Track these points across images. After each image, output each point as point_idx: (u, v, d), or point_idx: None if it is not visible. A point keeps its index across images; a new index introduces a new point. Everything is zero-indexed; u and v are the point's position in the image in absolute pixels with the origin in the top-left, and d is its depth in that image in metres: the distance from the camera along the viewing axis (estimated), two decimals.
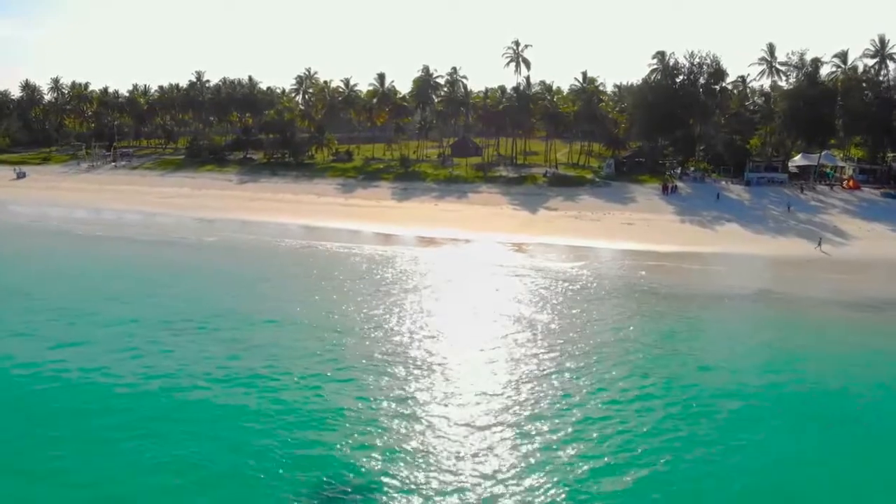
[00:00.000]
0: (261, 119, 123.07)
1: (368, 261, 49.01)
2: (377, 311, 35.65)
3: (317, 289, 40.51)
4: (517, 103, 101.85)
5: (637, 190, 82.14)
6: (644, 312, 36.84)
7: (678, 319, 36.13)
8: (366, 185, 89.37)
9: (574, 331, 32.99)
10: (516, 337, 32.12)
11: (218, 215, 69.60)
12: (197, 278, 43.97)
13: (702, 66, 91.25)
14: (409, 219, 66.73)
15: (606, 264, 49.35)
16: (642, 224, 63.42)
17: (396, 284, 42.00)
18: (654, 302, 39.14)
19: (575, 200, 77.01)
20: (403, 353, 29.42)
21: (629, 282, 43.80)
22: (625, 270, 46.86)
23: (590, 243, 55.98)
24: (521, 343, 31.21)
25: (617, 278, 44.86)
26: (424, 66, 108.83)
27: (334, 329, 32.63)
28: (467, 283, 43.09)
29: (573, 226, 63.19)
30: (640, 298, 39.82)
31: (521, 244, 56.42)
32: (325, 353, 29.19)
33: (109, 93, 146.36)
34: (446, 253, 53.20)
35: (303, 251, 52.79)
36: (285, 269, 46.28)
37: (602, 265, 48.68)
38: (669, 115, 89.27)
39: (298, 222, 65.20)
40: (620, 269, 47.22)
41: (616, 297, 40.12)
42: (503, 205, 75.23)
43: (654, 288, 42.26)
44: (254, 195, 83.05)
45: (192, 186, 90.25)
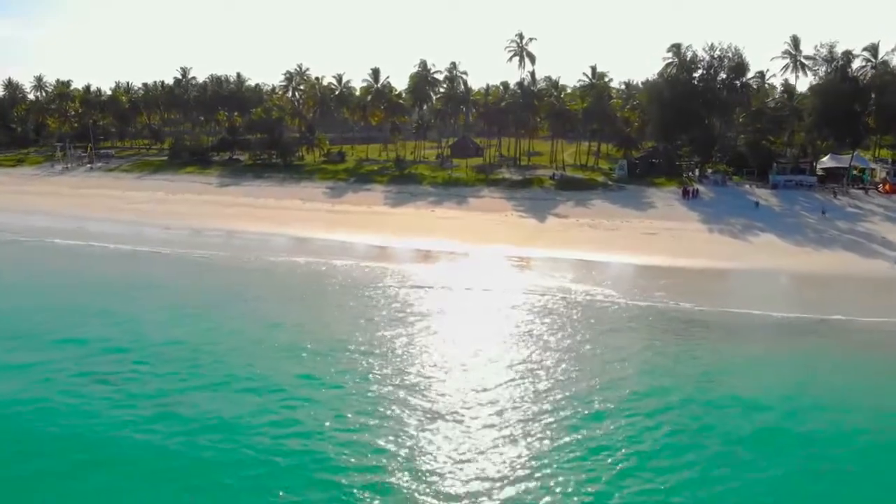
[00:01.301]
0: (249, 118, 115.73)
1: (346, 282, 41.58)
2: (344, 359, 28.36)
3: (271, 319, 33.27)
4: (521, 100, 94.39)
5: (654, 194, 74.74)
6: (683, 353, 29.79)
7: (725, 361, 29.21)
8: (357, 189, 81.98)
9: (596, 381, 26.08)
10: (525, 387, 25.47)
11: (187, 223, 62.09)
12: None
13: (722, 59, 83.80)
14: (402, 228, 59.29)
15: (630, 285, 41.79)
16: (666, 234, 55.97)
17: (375, 316, 34.60)
18: (694, 337, 31.94)
19: (587, 206, 69.61)
20: (387, 412, 22.96)
21: (660, 309, 36.34)
22: (652, 293, 39.30)
23: (609, 258, 48.53)
24: (531, 396, 24.60)
25: (644, 304, 37.37)
26: (422, 61, 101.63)
27: (296, 376, 25.58)
28: (465, 314, 35.66)
29: (588, 236, 55.76)
30: (675, 332, 32.60)
31: (529, 259, 49.03)
32: (287, 409, 22.87)
33: (92, 91, 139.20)
34: (442, 271, 45.57)
35: (268, 269, 45.22)
36: (235, 292, 38.96)
37: (626, 286, 41.14)
38: (687, 113, 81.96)
39: (275, 232, 57.68)
40: (647, 291, 39.64)
41: (646, 330, 32.91)
42: (507, 211, 67.80)
43: (690, 317, 34.98)
44: (233, 200, 75.62)
45: (167, 190, 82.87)
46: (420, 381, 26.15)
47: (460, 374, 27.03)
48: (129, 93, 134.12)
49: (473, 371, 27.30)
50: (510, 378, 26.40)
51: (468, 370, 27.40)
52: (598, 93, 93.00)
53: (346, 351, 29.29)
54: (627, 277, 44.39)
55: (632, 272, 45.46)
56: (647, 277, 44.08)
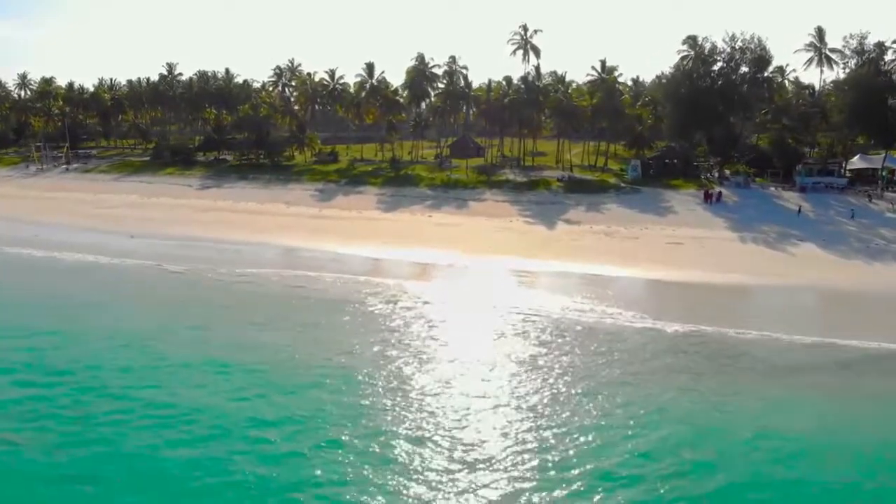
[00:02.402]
0: (236, 116, 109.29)
1: (322, 303, 35.09)
2: (306, 405, 21.98)
3: (221, 352, 26.90)
4: (525, 96, 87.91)
5: (673, 197, 68.26)
6: (728, 397, 23.97)
7: (781, 407, 23.20)
8: (348, 192, 75.54)
9: (618, 435, 20.03)
10: (531, 446, 19.58)
11: (155, 230, 55.57)
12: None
13: (744, 51, 77.33)
14: (395, 236, 52.82)
15: (659, 306, 35.14)
16: (693, 244, 49.49)
17: (350, 349, 28.19)
18: (741, 375, 25.83)
19: (600, 210, 63.13)
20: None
21: (697, 336, 29.90)
22: (686, 315, 32.74)
23: (631, 272, 41.95)
24: (536, 460, 18.75)
25: (677, 330, 30.90)
26: (419, 55, 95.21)
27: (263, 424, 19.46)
28: (463, 352, 29.13)
29: (604, 246, 49.28)
30: (718, 368, 26.37)
31: (538, 274, 42.47)
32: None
33: (75, 88, 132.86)
34: (436, 290, 38.79)
35: (233, 285, 38.58)
36: (185, 315, 32.58)
37: (653, 307, 34.46)
38: (706, 109, 75.54)
39: (251, 241, 51.14)
40: (679, 314, 33.03)
41: (681, 366, 26.66)
42: (512, 216, 61.30)
43: (734, 347, 28.70)
44: (211, 204, 69.15)
45: (143, 193, 76.49)
46: (403, 438, 19.82)
47: (450, 428, 20.72)
48: (113, 90, 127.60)
49: (466, 426, 21.03)
50: (515, 435, 20.23)
51: (461, 424, 21.06)
52: (609, 88, 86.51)
53: (309, 395, 22.99)
54: (654, 296, 37.86)
55: (659, 290, 38.91)
56: (678, 296, 37.62)
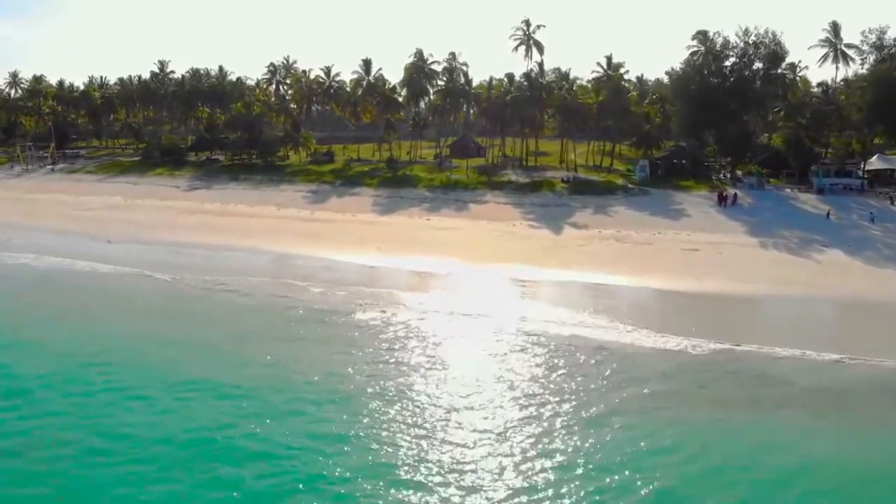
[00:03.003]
0: (229, 114, 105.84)
1: (304, 318, 31.66)
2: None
3: (187, 375, 23.48)
4: (528, 93, 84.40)
5: (684, 199, 64.77)
6: (767, 436, 20.44)
7: (834, 450, 19.60)
8: (342, 193, 72.05)
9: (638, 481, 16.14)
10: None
11: (135, 234, 52.10)
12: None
13: (758, 46, 73.82)
14: (390, 241, 49.33)
15: (679, 322, 31.56)
16: (710, 251, 45.96)
17: (341, 377, 24.76)
18: (781, 408, 22.36)
19: (608, 213, 59.64)
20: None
21: (725, 359, 26.45)
22: (711, 334, 29.23)
23: (646, 282, 38.41)
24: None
25: (702, 352, 27.45)
26: (417, 51, 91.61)
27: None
28: (461, 377, 25.70)
29: (615, 252, 45.75)
30: (751, 398, 22.99)
31: (545, 284, 38.95)
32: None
33: (65, 87, 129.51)
34: (433, 305, 35.42)
35: (211, 298, 35.12)
36: (155, 330, 29.12)
37: (674, 324, 30.94)
38: (718, 107, 72.08)
39: (236, 246, 47.64)
40: (703, 332, 29.55)
41: (710, 395, 23.32)
42: (516, 220, 57.77)
43: (767, 373, 25.25)
44: (197, 206, 65.67)
45: (127, 195, 73.01)
46: (393, 477, 16.40)
47: (444, 466, 17.24)
48: (103, 88, 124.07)
49: (462, 466, 17.60)
50: (515, 476, 16.86)
51: (456, 462, 17.60)
52: (615, 85, 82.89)
53: (290, 424, 19.58)
54: (672, 310, 34.32)
55: (676, 302, 35.36)
56: (698, 310, 34.09)
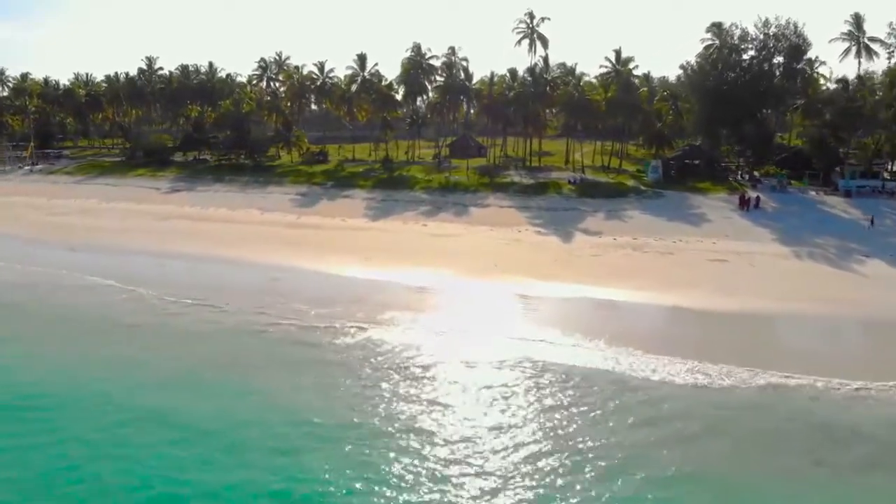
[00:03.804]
0: (218, 112, 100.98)
1: (277, 351, 26.84)
2: None
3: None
4: (532, 89, 79.60)
5: (702, 202, 59.96)
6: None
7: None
8: (334, 196, 67.22)
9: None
10: None
11: (100, 241, 47.23)
12: None
13: (779, 38, 69.02)
14: (382, 250, 44.47)
15: (717, 350, 26.70)
16: (740, 261, 41.06)
17: (317, 420, 19.98)
18: (854, 466, 17.32)
19: (622, 218, 54.80)
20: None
21: (787, 414, 21.67)
22: (756, 366, 24.43)
23: (671, 299, 33.47)
24: None
25: (752, 393, 22.68)
26: (415, 45, 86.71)
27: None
28: (456, 420, 20.93)
29: (634, 264, 40.83)
30: (815, 451, 17.95)
31: (556, 302, 34.01)
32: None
33: (50, 84, 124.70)
34: (427, 329, 30.68)
35: (171, 320, 30.34)
36: (97, 358, 24.31)
37: (710, 351, 26.09)
38: (737, 104, 67.32)
39: (208, 256, 42.68)
40: (747, 365, 24.77)
41: (765, 451, 18.30)
42: (521, 225, 52.88)
43: (839, 421, 20.37)
44: (175, 210, 60.88)
45: (103, 197, 68.21)
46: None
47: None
48: (88, 85, 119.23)
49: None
50: None
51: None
52: (624, 81, 78.09)
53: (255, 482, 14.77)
54: (707, 335, 29.36)
55: (711, 326, 30.42)
56: (734, 333, 29.18)
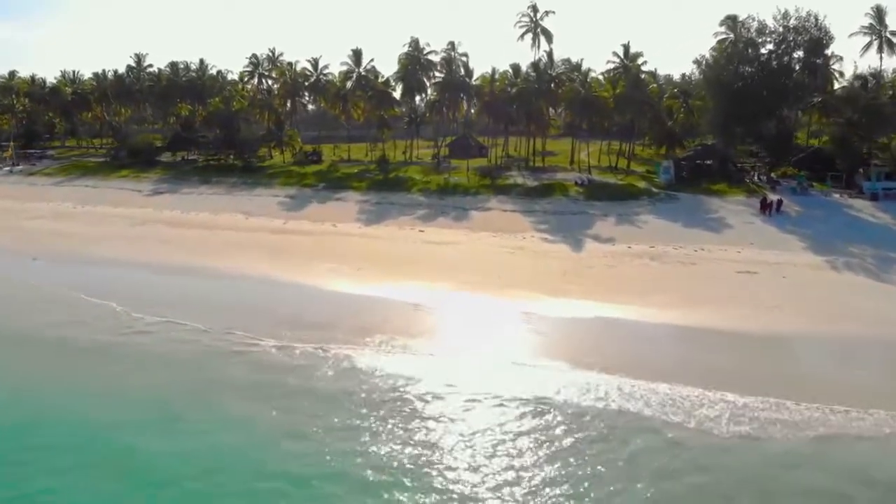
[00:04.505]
0: (206, 111, 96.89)
1: (249, 384, 22.69)
2: None
3: None
4: (536, 85, 75.43)
5: (720, 206, 55.76)
6: None
7: None
8: (325, 199, 63.03)
9: None
10: None
11: (66, 249, 43.06)
12: None
13: (799, 31, 64.74)
14: (373, 260, 40.26)
15: (763, 388, 22.57)
16: (770, 273, 36.84)
17: (291, 468, 15.80)
18: None
19: (635, 224, 50.60)
20: None
21: (871, 480, 17.50)
22: (821, 405, 20.31)
23: (699, 320, 29.24)
24: None
25: (823, 448, 18.52)
26: (413, 39, 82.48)
27: None
28: (452, 477, 16.74)
29: (653, 276, 36.57)
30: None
31: (568, 324, 29.78)
32: None
33: (37, 82, 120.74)
34: (419, 356, 26.54)
35: (131, 342, 26.24)
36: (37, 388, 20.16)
37: (760, 389, 21.99)
38: (757, 101, 63.10)
39: (184, 265, 38.43)
40: (807, 402, 20.63)
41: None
42: (526, 231, 48.67)
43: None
44: (154, 214, 56.72)
45: (81, 200, 64.01)
46: None
47: None
48: (75, 83, 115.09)
49: None
50: None
51: None
52: (633, 77, 73.89)
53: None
54: (749, 365, 25.09)
55: (751, 352, 26.19)
56: (781, 364, 24.99)
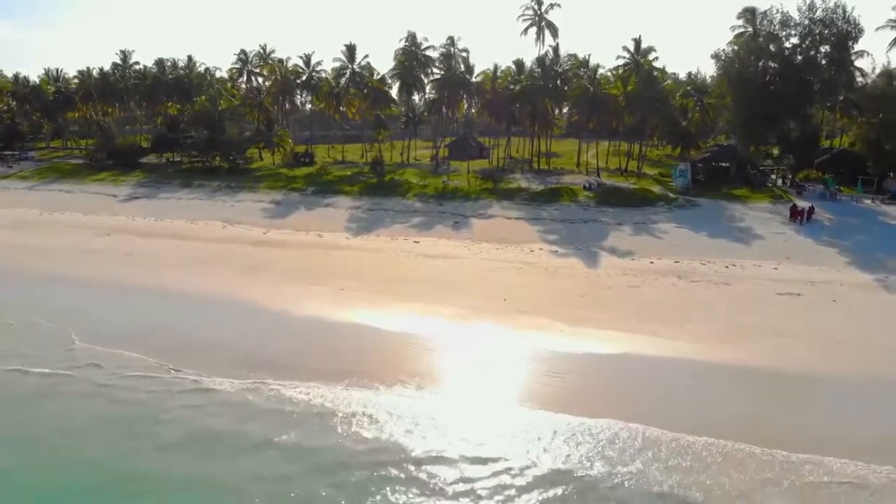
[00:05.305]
0: (192, 109, 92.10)
1: (196, 448, 17.87)
2: None
3: None
4: (542, 82, 70.61)
5: (744, 214, 50.97)
6: None
7: None
8: (313, 204, 58.23)
9: None
10: None
11: (18, 264, 38.02)
12: None
13: (827, 23, 59.99)
14: (359, 278, 35.38)
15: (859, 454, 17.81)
16: (816, 294, 31.97)
17: None
18: None
19: (653, 233, 45.77)
20: None
21: None
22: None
23: (748, 357, 24.40)
24: None
25: None
26: (409, 34, 77.78)
27: None
28: None
29: (684, 299, 31.64)
30: None
31: (591, 360, 24.90)
32: None
33: (20, 81, 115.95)
34: (413, 406, 21.74)
35: (58, 390, 21.48)
36: None
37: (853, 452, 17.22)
38: (783, 100, 58.41)
39: (144, 286, 33.54)
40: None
41: None
42: (534, 243, 43.71)
43: None
44: (125, 222, 51.82)
45: (50, 206, 59.14)
46: None
47: None
48: (59, 82, 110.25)
49: None
50: None
51: None
52: (645, 74, 69.03)
53: None
54: (826, 422, 20.32)
55: (823, 402, 21.36)
56: (868, 418, 20.17)
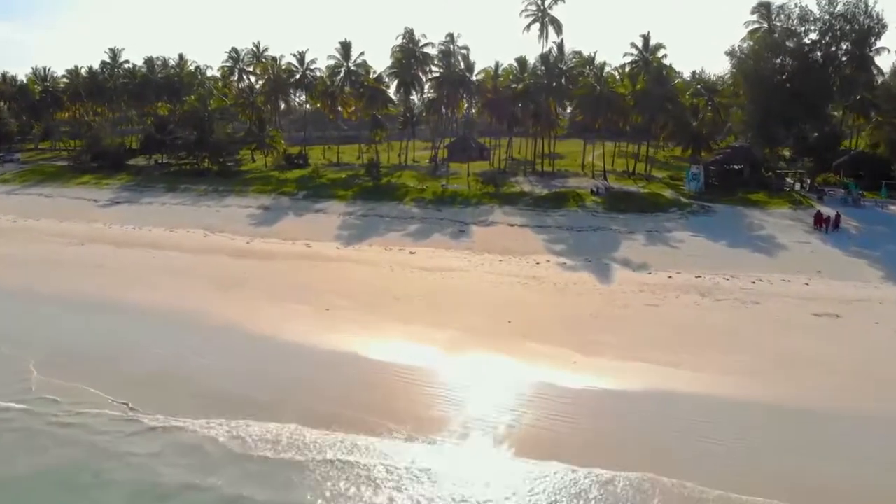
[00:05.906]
0: (181, 109, 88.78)
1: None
2: None
3: None
4: (545, 80, 67.22)
5: (763, 220, 47.57)
6: None
7: None
8: (303, 210, 54.84)
9: None
10: None
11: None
12: None
13: (848, 18, 56.60)
14: (348, 294, 31.98)
15: None
16: (855, 315, 28.53)
17: None
18: None
19: (668, 242, 42.36)
20: None
21: None
22: None
23: (796, 397, 20.99)
24: None
25: None
26: (407, 31, 74.47)
27: None
28: None
29: (710, 321, 28.25)
30: None
31: (611, 400, 21.49)
32: None
33: (7, 80, 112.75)
34: (405, 462, 18.32)
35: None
36: None
37: None
38: (798, 98, 55.05)
39: (107, 300, 30.15)
40: None
41: None
42: (539, 254, 40.25)
43: None
44: (102, 230, 48.39)
45: (25, 212, 55.72)
46: None
47: None
48: (46, 81, 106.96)
49: None
50: None
51: None
52: (655, 72, 65.64)
53: None
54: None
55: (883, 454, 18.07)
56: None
